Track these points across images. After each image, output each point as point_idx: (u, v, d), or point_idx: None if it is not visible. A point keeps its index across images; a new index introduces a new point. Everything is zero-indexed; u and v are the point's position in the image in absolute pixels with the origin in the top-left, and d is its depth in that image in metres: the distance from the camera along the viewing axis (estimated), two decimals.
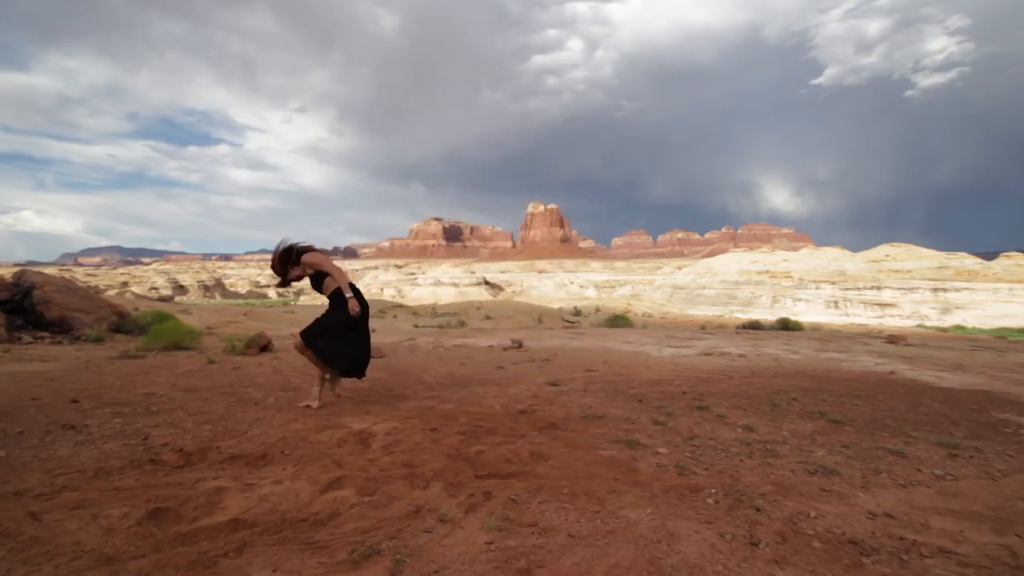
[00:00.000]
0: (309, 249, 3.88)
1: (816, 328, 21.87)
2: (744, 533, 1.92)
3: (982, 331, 33.12)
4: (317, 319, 3.90)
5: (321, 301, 4.09)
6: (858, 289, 54.41)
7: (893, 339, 10.64)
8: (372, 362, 6.46)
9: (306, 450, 2.83)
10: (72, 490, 2.26)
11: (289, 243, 3.90)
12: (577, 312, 41.69)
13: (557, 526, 1.97)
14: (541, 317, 30.56)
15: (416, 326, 18.86)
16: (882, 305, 51.81)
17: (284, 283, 4.03)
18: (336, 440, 3.01)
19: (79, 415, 3.48)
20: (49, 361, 6.04)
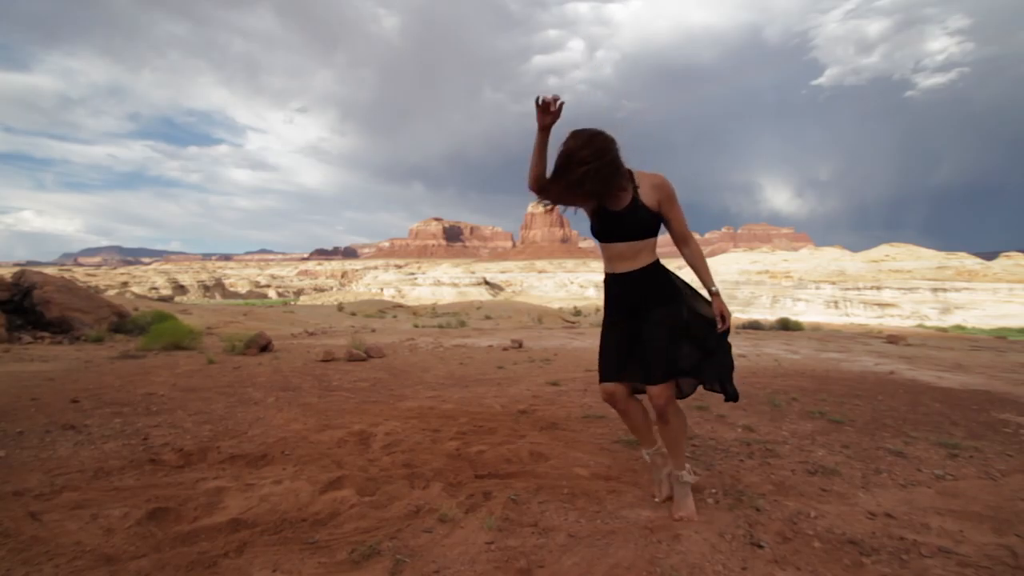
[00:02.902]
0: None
1: (816, 328, 21.86)
2: (744, 533, 1.92)
3: (982, 331, 33.14)
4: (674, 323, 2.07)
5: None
6: (858, 289, 54.44)
7: (893, 339, 10.64)
8: (372, 362, 6.52)
9: (306, 450, 2.83)
10: (72, 490, 2.26)
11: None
12: (577, 312, 41.72)
13: (557, 526, 1.97)
14: (541, 317, 30.56)
15: (416, 326, 18.88)
16: (882, 305, 51.83)
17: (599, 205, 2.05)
18: (336, 440, 3.01)
19: (79, 415, 3.48)
20: (49, 361, 6.04)
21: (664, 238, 2.17)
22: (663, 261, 2.14)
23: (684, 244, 2.11)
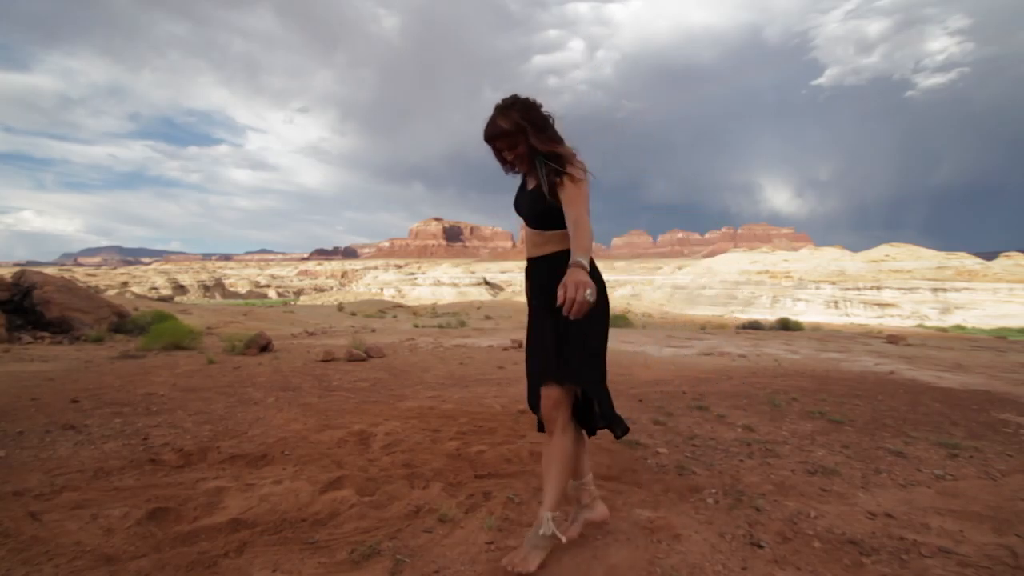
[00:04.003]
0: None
1: (816, 328, 21.87)
2: (744, 533, 1.92)
3: (982, 331, 33.17)
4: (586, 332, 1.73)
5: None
6: (858, 289, 54.48)
7: (893, 339, 10.64)
8: (372, 362, 6.51)
9: (306, 450, 2.83)
10: (72, 490, 2.26)
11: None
12: None
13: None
14: None
15: (416, 326, 18.87)
16: (882, 305, 51.86)
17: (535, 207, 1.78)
18: (336, 440, 3.01)
19: (79, 415, 3.48)
20: (49, 361, 6.04)
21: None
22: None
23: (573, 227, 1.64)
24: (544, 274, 1.80)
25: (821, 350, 8.42)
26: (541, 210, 1.76)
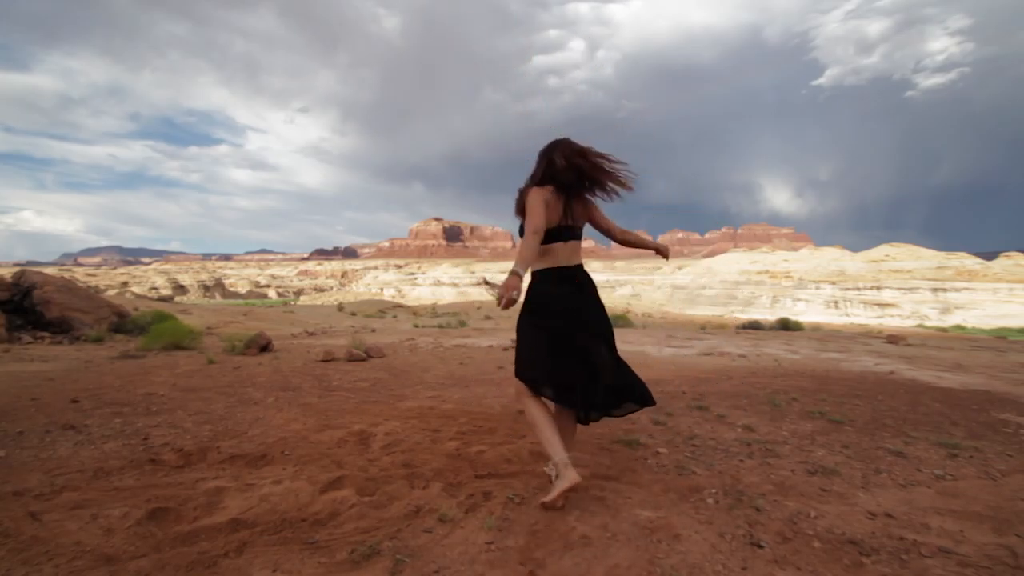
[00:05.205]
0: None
1: (816, 328, 21.87)
2: (744, 533, 1.92)
3: (982, 331, 33.18)
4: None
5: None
6: (858, 289, 54.51)
7: (893, 339, 10.64)
8: (372, 362, 6.51)
9: (306, 450, 2.83)
10: (72, 490, 2.26)
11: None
12: None
13: (557, 526, 1.97)
14: None
15: (416, 326, 18.86)
16: (882, 305, 51.88)
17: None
18: (336, 440, 3.02)
19: (79, 415, 3.49)
20: (49, 361, 6.04)
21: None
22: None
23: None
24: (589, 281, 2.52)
25: (821, 350, 8.42)
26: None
